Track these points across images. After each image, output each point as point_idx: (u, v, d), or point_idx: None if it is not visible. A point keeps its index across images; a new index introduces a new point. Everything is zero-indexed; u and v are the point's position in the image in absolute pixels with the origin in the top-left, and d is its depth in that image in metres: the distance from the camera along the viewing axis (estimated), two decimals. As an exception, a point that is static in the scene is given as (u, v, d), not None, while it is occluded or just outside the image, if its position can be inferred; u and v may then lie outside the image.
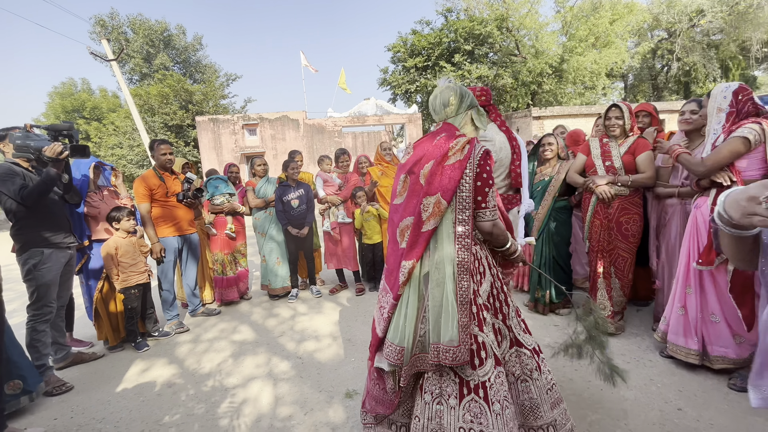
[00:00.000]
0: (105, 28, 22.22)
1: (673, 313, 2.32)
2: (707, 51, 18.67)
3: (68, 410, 2.29)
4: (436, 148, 1.49)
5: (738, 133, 1.98)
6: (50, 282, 2.55)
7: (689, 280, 2.23)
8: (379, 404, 1.62)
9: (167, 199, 3.34)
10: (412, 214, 1.48)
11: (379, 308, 1.60)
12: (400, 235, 1.52)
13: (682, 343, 2.27)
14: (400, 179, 1.59)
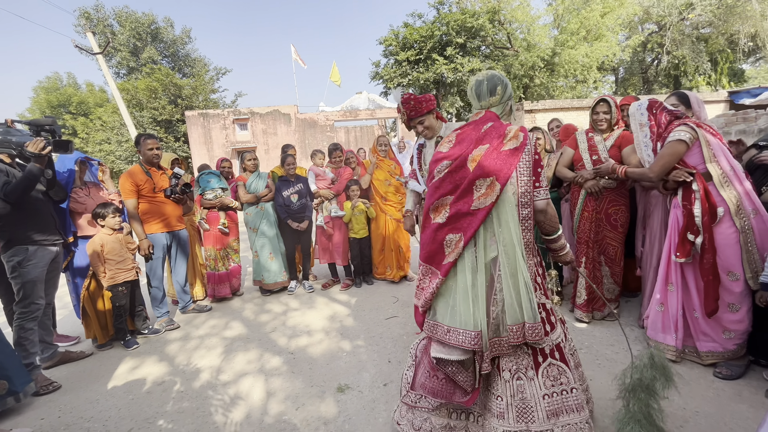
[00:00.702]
0: (90, 20, 21.68)
1: (653, 309, 2.37)
2: (696, 44, 18.82)
3: (56, 410, 2.26)
4: (488, 136, 1.54)
5: (672, 137, 2.12)
6: (36, 279, 2.50)
7: (671, 278, 2.27)
8: (440, 396, 1.59)
9: (155, 194, 3.28)
10: (451, 193, 1.53)
11: (420, 285, 1.60)
12: (434, 211, 1.57)
13: (660, 339, 2.32)
14: (443, 165, 1.59)
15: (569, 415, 1.47)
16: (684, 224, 2.15)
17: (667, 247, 2.29)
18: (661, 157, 2.17)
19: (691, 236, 2.10)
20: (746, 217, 2.02)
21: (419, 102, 2.40)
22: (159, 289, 3.39)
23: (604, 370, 2.26)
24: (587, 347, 2.53)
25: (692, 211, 2.10)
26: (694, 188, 2.11)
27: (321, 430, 1.92)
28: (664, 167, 2.16)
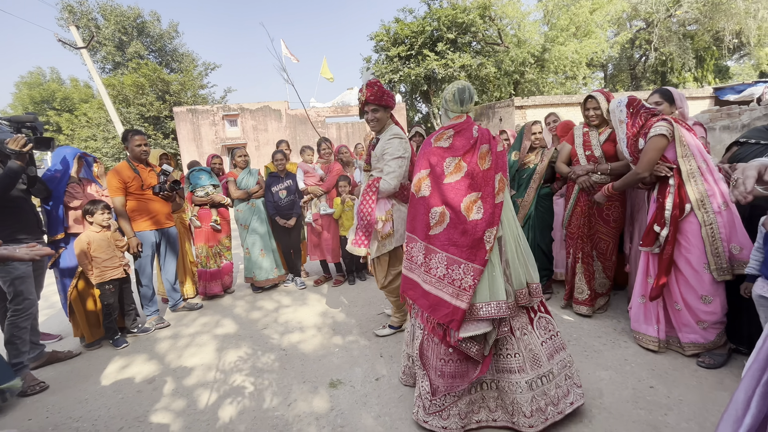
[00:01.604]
0: (73, 14, 21.13)
1: (634, 302, 2.43)
2: (683, 41, 19.08)
3: (43, 410, 2.22)
4: (483, 137, 1.83)
5: (654, 131, 2.18)
6: (24, 274, 2.46)
7: (650, 270, 2.33)
8: (453, 376, 1.74)
9: (143, 192, 3.23)
10: (477, 190, 1.74)
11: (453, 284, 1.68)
12: (468, 208, 1.72)
13: (643, 331, 2.39)
14: (448, 161, 1.79)
15: (560, 353, 1.83)
16: (653, 216, 2.25)
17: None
18: (646, 152, 2.22)
19: (657, 228, 2.21)
20: (710, 212, 2.10)
21: (383, 92, 2.46)
22: (148, 287, 3.35)
23: (592, 361, 2.31)
24: (575, 339, 2.58)
25: (664, 204, 2.19)
26: (671, 183, 2.19)
27: (313, 426, 1.92)
28: (651, 162, 2.21)
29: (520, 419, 1.70)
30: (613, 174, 2.71)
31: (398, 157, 2.45)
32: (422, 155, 1.89)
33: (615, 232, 2.82)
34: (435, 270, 1.74)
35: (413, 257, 1.85)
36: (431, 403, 1.75)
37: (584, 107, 2.81)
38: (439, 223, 1.75)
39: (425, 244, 1.79)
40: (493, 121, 14.54)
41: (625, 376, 2.14)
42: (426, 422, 1.76)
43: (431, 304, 1.73)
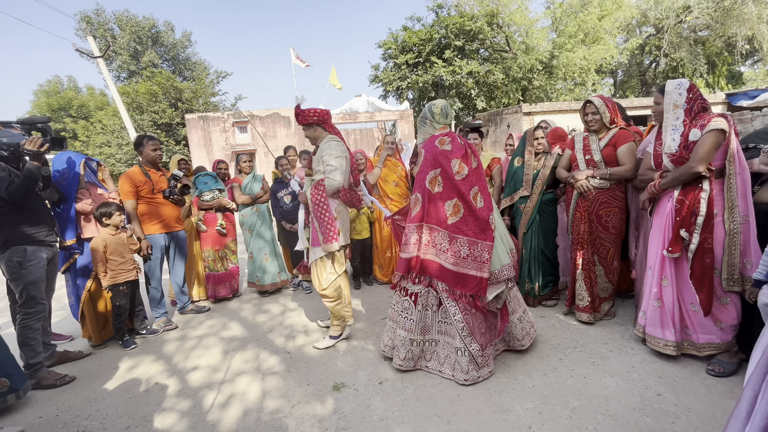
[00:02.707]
0: (91, 24, 21.80)
1: (650, 305, 2.36)
2: (694, 47, 18.90)
3: (53, 408, 2.27)
4: (465, 143, 2.30)
5: (713, 126, 2.04)
6: (38, 279, 2.51)
7: (665, 272, 2.27)
8: (490, 333, 2.27)
9: (153, 195, 3.31)
10: (477, 184, 2.23)
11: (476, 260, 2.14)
12: (474, 198, 2.20)
13: (659, 335, 2.32)
14: (453, 162, 2.21)
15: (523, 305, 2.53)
16: (679, 221, 2.14)
17: (660, 241, 2.28)
18: (702, 145, 2.05)
19: (685, 234, 2.12)
20: (737, 222, 2.04)
21: (298, 114, 2.74)
22: (157, 289, 3.41)
23: (598, 367, 2.28)
24: (582, 345, 2.55)
25: (693, 209, 2.09)
26: (704, 186, 2.07)
27: (316, 428, 1.93)
28: (707, 156, 2.04)
29: (515, 342, 2.43)
30: (612, 179, 2.68)
31: (337, 156, 2.62)
32: (431, 157, 2.23)
33: (615, 237, 2.78)
34: (460, 251, 2.15)
35: (438, 244, 2.20)
36: (482, 356, 2.18)
37: (583, 112, 2.80)
38: (455, 213, 2.17)
39: (448, 232, 2.17)
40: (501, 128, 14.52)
41: (632, 383, 2.10)
42: (479, 377, 2.18)
43: (462, 281, 2.14)
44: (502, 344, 2.46)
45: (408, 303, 2.31)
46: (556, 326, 2.87)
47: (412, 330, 2.30)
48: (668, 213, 2.23)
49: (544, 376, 2.24)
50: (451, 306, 2.19)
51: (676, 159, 2.17)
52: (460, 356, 2.19)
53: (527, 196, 3.23)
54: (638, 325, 2.47)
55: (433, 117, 2.33)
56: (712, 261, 2.10)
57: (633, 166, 2.65)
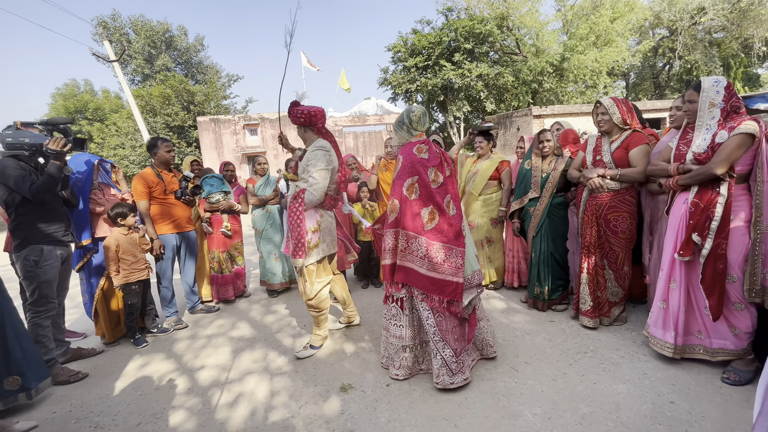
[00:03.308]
0: (107, 29, 22.34)
1: (655, 306, 2.34)
2: (709, 49, 18.59)
3: (67, 404, 2.32)
4: (443, 154, 2.34)
5: (743, 129, 1.96)
6: (51, 279, 2.56)
7: (674, 275, 2.24)
8: (461, 339, 2.24)
9: (165, 196, 3.36)
10: (450, 192, 2.28)
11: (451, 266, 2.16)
12: (447, 206, 2.23)
13: (659, 336, 2.30)
14: (430, 170, 2.23)
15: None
16: (693, 223, 2.09)
17: (672, 244, 2.24)
18: (727, 147, 1.97)
19: (698, 238, 2.07)
20: (762, 231, 1.97)
21: (289, 112, 2.70)
22: (168, 289, 3.46)
23: (609, 373, 2.24)
24: (592, 351, 2.51)
25: (708, 213, 2.03)
26: (721, 191, 2.00)
27: (323, 429, 1.94)
28: (730, 159, 1.97)
29: (488, 350, 2.47)
30: (622, 180, 2.64)
31: (322, 169, 2.59)
32: (409, 164, 2.23)
33: (625, 243, 2.73)
34: (436, 257, 2.15)
35: (414, 251, 2.19)
36: (455, 363, 2.16)
37: (594, 113, 2.78)
38: (431, 220, 2.20)
39: (425, 239, 2.17)
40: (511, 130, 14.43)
41: (644, 390, 2.07)
42: (452, 383, 2.14)
43: (439, 287, 2.14)
44: (476, 353, 2.45)
45: (396, 309, 2.31)
46: (566, 331, 2.84)
47: (402, 336, 2.29)
48: (682, 215, 2.18)
49: (554, 381, 2.21)
50: (424, 310, 2.19)
51: (702, 160, 2.08)
52: (433, 358, 2.22)
53: (537, 199, 3.20)
54: (647, 325, 2.45)
55: (411, 123, 2.33)
56: (725, 267, 2.04)
57: (644, 169, 2.60)
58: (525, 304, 3.42)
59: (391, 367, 2.36)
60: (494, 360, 2.48)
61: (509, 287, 3.86)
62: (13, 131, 2.45)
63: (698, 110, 2.12)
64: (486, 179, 3.75)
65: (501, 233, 3.90)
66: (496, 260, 3.85)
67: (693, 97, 2.15)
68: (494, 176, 3.76)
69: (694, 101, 2.14)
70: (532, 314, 3.20)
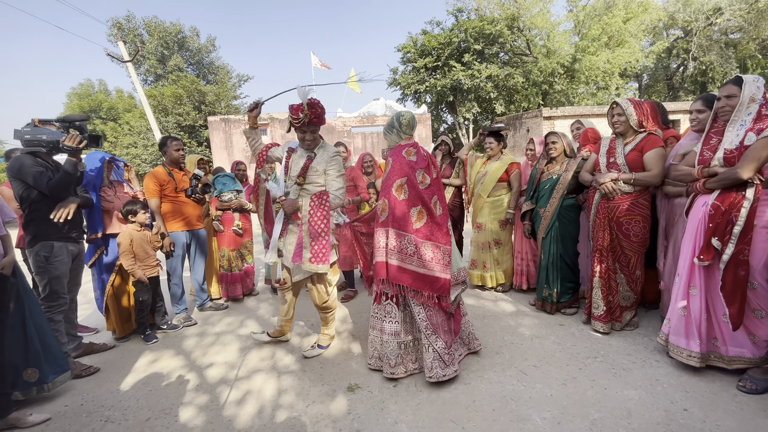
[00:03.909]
0: (122, 30, 22.70)
1: (675, 313, 2.26)
2: (725, 50, 18.22)
3: (79, 397, 2.35)
4: (430, 157, 2.46)
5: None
6: (61, 275, 2.60)
7: (693, 281, 2.17)
8: (449, 332, 2.37)
9: (176, 194, 3.41)
10: (437, 193, 2.39)
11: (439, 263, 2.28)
12: (434, 206, 2.35)
13: (683, 345, 2.21)
14: (418, 172, 2.35)
15: None
16: (713, 227, 2.02)
17: (691, 249, 2.18)
18: (753, 151, 1.90)
19: (717, 243, 2.01)
20: None
21: (323, 111, 2.50)
22: (178, 286, 3.50)
23: (620, 379, 2.20)
24: (603, 356, 2.47)
25: (730, 217, 1.97)
26: (747, 195, 1.94)
27: (330, 428, 1.94)
28: (758, 164, 1.90)
29: (474, 343, 2.60)
30: (636, 185, 2.59)
31: (342, 175, 2.61)
32: (398, 166, 2.33)
33: (638, 247, 2.67)
34: (425, 255, 2.26)
35: (403, 249, 2.29)
36: (448, 355, 2.27)
37: (610, 114, 2.73)
38: (419, 219, 2.30)
39: (414, 237, 2.27)
40: (520, 132, 14.32)
41: (657, 396, 2.03)
42: (445, 375, 2.21)
43: (428, 283, 2.25)
44: (463, 347, 2.54)
45: (390, 306, 2.35)
46: (575, 335, 2.80)
47: (398, 333, 2.34)
48: (701, 219, 2.12)
49: (563, 385, 2.18)
50: (415, 306, 2.30)
51: (730, 158, 2.01)
52: (424, 352, 2.28)
53: (548, 200, 3.17)
54: (662, 333, 2.38)
55: (401, 127, 2.41)
56: (747, 274, 1.98)
57: (660, 173, 2.56)
58: (533, 306, 3.38)
59: (386, 366, 2.35)
60: (502, 363, 2.46)
61: (518, 290, 3.83)
62: (31, 128, 2.49)
63: (738, 104, 2.02)
64: (495, 181, 3.72)
65: (509, 235, 3.86)
66: (504, 263, 3.82)
67: (732, 92, 2.06)
68: (503, 178, 3.74)
69: (734, 96, 2.04)
70: (540, 317, 3.17)
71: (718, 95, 2.15)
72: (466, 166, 4.07)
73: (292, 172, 2.61)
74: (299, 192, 2.58)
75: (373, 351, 2.45)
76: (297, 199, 2.58)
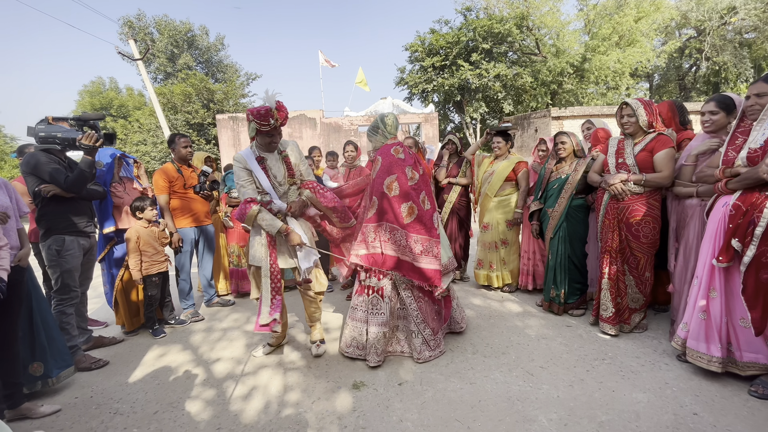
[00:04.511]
0: (132, 28, 22.95)
1: (694, 317, 2.19)
2: (739, 50, 17.88)
3: (88, 390, 2.39)
4: (415, 156, 2.65)
5: None
6: (73, 268, 2.64)
7: (713, 283, 2.10)
8: (438, 319, 2.61)
9: (185, 191, 3.44)
10: (424, 189, 2.55)
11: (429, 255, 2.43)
12: (423, 202, 2.50)
13: (703, 350, 2.14)
14: (407, 170, 2.50)
15: None
16: (734, 227, 1.97)
17: (710, 250, 2.11)
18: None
19: (738, 244, 1.95)
20: None
21: (287, 112, 2.42)
22: (186, 281, 3.53)
23: (628, 381, 2.18)
24: (611, 358, 2.45)
25: (752, 217, 1.91)
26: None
27: (335, 425, 1.94)
28: None
29: (455, 326, 2.82)
30: (646, 186, 2.55)
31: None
32: (388, 164, 2.46)
33: (647, 248, 2.63)
34: (416, 247, 2.41)
35: (397, 241, 2.43)
36: (434, 340, 2.51)
37: (619, 114, 2.69)
38: (410, 214, 2.43)
39: (406, 231, 2.41)
40: (528, 132, 14.22)
41: (666, 400, 2.00)
42: (431, 356, 2.49)
43: (420, 273, 2.40)
44: (446, 328, 2.78)
45: (377, 299, 2.47)
46: (583, 336, 2.77)
47: (385, 323, 2.46)
48: (720, 219, 2.07)
49: (570, 387, 2.16)
50: (408, 297, 2.48)
51: (753, 157, 1.96)
52: (414, 338, 2.50)
53: (556, 200, 3.14)
54: (677, 338, 2.31)
55: (386, 128, 2.56)
56: (762, 276, 1.92)
57: (670, 174, 2.52)
58: (540, 307, 3.36)
59: (370, 356, 2.45)
60: (508, 364, 2.45)
61: (524, 290, 3.80)
62: (45, 125, 2.54)
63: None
64: (502, 180, 3.70)
65: (516, 235, 3.84)
66: (511, 263, 3.80)
67: (763, 89, 2.00)
68: (511, 177, 3.71)
69: (765, 94, 1.98)
70: (547, 318, 3.14)
71: (747, 93, 2.09)
72: (473, 166, 4.05)
73: (278, 178, 2.51)
74: (297, 191, 2.63)
75: (351, 341, 2.57)
76: (300, 198, 2.62)
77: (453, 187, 4.06)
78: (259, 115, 2.29)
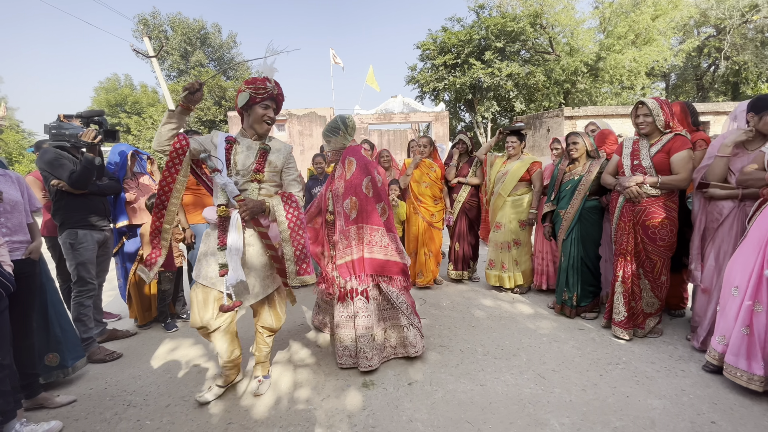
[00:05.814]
0: (147, 26, 23.29)
1: (735, 332, 2.05)
2: (761, 49, 17.39)
3: (102, 381, 2.43)
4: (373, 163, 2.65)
5: None
6: (87, 260, 2.70)
7: (760, 296, 1.97)
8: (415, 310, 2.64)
9: (198, 187, 3.46)
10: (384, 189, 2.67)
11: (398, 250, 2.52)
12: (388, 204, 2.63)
13: (743, 367, 2.01)
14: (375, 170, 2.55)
15: None
16: None
17: (758, 260, 1.98)
18: None
19: None
20: None
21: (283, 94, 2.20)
22: (198, 277, 3.56)
23: (643, 387, 2.13)
24: (624, 363, 2.40)
25: None
26: None
27: (345, 423, 1.94)
28: None
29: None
30: (663, 188, 2.49)
31: (299, 179, 2.28)
32: (363, 165, 2.45)
33: (664, 251, 2.57)
34: (390, 246, 2.48)
35: (379, 242, 2.45)
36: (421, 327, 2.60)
37: (634, 114, 2.63)
38: (383, 214, 2.50)
39: (384, 229, 2.47)
40: (540, 132, 14.04)
41: (682, 407, 1.95)
42: (424, 345, 2.58)
43: (398, 269, 2.49)
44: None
45: (362, 302, 2.41)
46: (596, 340, 2.73)
47: (371, 326, 2.42)
48: None
49: (583, 391, 2.12)
50: (393, 291, 2.47)
51: None
52: (407, 332, 2.51)
53: (569, 202, 3.09)
54: (712, 351, 2.19)
55: (347, 129, 2.49)
56: None
57: (688, 176, 2.45)
58: (552, 309, 3.31)
59: (362, 361, 2.36)
60: (519, 366, 2.42)
61: (537, 289, 3.76)
62: (56, 123, 2.64)
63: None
64: (516, 180, 3.65)
65: (529, 236, 3.79)
66: (523, 263, 3.75)
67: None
68: (525, 177, 3.66)
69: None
70: (559, 321, 3.10)
71: None
72: (485, 166, 4.01)
73: (238, 167, 2.07)
74: (258, 192, 2.10)
75: (343, 350, 2.43)
76: (261, 199, 2.08)
77: (462, 186, 4.03)
78: (256, 80, 2.04)
